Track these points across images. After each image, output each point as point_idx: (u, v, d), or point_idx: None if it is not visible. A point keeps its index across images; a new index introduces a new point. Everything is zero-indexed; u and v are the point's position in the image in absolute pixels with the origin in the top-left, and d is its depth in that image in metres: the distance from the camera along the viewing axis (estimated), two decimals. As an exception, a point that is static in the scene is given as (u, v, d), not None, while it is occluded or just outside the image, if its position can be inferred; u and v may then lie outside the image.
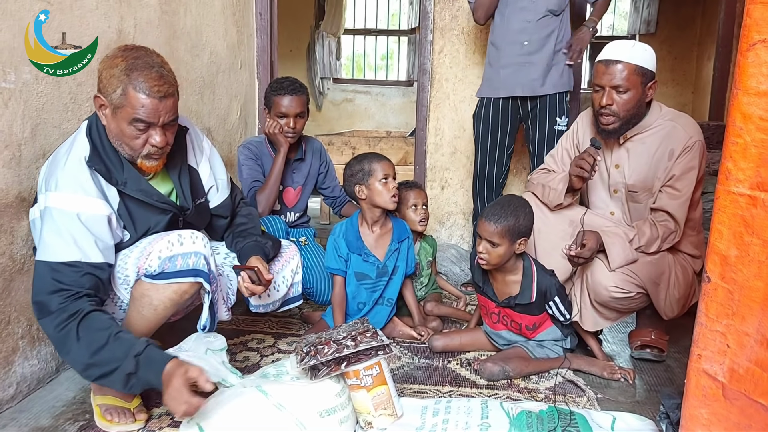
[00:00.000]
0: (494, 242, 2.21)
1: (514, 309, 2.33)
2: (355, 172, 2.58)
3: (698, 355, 1.37)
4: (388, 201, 2.53)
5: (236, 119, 3.77)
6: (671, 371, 2.38)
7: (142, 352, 1.63)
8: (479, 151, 3.37)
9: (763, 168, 1.20)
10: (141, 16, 2.62)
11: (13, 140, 1.94)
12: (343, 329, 1.89)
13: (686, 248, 2.42)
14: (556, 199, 2.48)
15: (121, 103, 1.74)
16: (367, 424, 1.82)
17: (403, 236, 2.66)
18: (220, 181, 2.22)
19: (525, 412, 1.86)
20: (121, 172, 1.85)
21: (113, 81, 1.73)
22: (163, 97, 1.76)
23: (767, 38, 1.19)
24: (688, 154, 2.28)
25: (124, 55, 1.76)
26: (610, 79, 2.28)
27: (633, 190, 2.43)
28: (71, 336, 1.64)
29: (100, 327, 1.66)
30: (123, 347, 1.64)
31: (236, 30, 3.70)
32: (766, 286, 1.21)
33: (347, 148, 5.53)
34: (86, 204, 1.76)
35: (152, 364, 1.63)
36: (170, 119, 1.82)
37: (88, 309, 1.68)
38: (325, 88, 9.15)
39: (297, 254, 2.37)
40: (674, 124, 2.33)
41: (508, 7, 3.13)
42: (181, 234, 1.87)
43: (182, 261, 1.82)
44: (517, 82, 3.16)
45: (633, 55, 2.27)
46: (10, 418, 1.91)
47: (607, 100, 2.30)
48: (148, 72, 1.74)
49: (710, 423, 1.34)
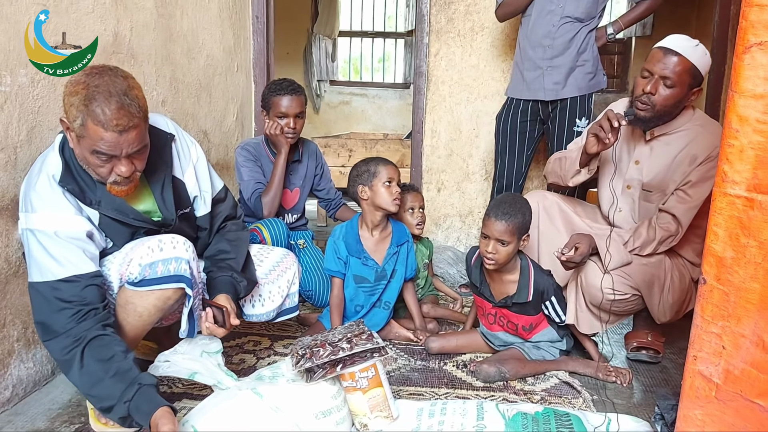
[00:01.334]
0: (505, 240, 2.21)
1: (510, 309, 2.33)
2: (361, 173, 2.60)
3: (694, 356, 1.37)
4: (390, 203, 2.54)
5: (233, 122, 3.77)
6: (667, 373, 2.38)
7: (132, 398, 1.60)
8: (499, 151, 3.38)
9: (761, 170, 1.21)
10: (137, 19, 2.62)
11: (9, 143, 1.94)
12: (338, 331, 1.89)
13: (687, 254, 2.41)
14: (571, 167, 2.44)
15: (81, 133, 1.64)
16: (362, 426, 1.82)
17: (403, 240, 2.66)
18: (205, 194, 2.09)
19: (521, 413, 1.86)
20: (94, 191, 1.79)
21: (72, 110, 1.63)
22: (123, 130, 1.63)
23: (763, 41, 1.19)
24: (710, 163, 2.22)
25: (86, 81, 1.63)
26: (662, 68, 2.22)
27: (647, 189, 2.40)
28: (75, 362, 1.63)
29: (102, 357, 1.64)
30: (117, 388, 1.61)
31: (233, 33, 3.70)
32: (763, 288, 1.21)
33: (344, 150, 5.53)
34: (63, 222, 1.72)
35: (139, 414, 1.60)
36: (135, 149, 1.70)
37: (93, 334, 1.65)
38: (321, 91, 9.16)
39: (295, 264, 2.31)
40: (702, 131, 2.29)
41: (535, 10, 3.13)
42: (161, 239, 1.82)
43: (163, 267, 1.78)
44: (540, 86, 3.18)
45: (692, 53, 2.21)
46: (6, 420, 1.90)
47: (652, 88, 2.23)
48: (107, 103, 1.60)
49: (704, 424, 1.34)
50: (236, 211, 2.23)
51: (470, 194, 4.05)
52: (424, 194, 3.98)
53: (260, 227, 2.78)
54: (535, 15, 3.13)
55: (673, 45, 2.23)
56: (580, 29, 3.10)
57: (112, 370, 1.63)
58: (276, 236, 2.77)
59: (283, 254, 2.32)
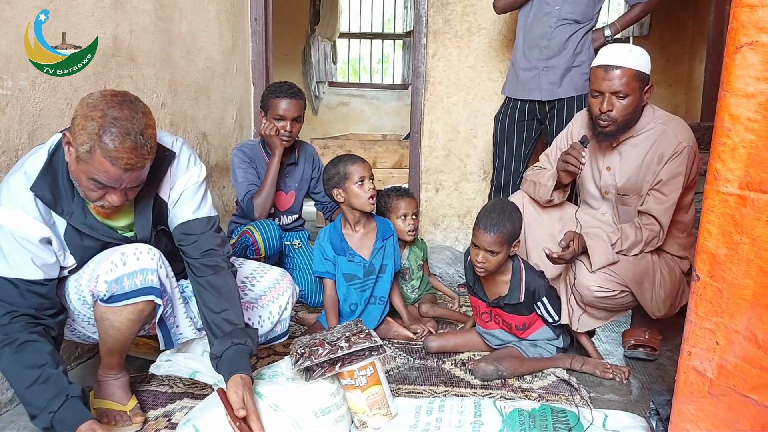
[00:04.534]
0: (494, 251, 2.23)
1: (503, 309, 2.35)
2: (332, 176, 2.60)
3: (688, 352, 1.39)
4: (365, 203, 2.56)
5: (231, 124, 3.79)
6: (664, 370, 2.40)
7: (58, 410, 1.54)
8: (497, 151, 3.40)
9: (753, 168, 1.23)
10: (136, 22, 2.64)
11: (11, 146, 1.96)
12: (337, 330, 1.90)
13: (672, 249, 2.44)
14: (545, 195, 2.49)
15: (85, 159, 1.58)
16: (362, 423, 1.83)
17: (388, 234, 2.69)
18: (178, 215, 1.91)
19: (518, 410, 1.88)
20: (70, 202, 1.73)
21: (83, 134, 1.56)
22: (130, 169, 1.60)
23: (754, 41, 1.21)
24: (677, 159, 2.28)
25: (105, 111, 1.57)
26: (609, 85, 2.28)
27: (623, 193, 2.45)
28: (2, 360, 1.60)
29: (31, 364, 1.59)
30: (43, 397, 1.56)
31: (231, 35, 3.72)
32: (755, 284, 1.23)
33: (342, 151, 5.54)
34: (22, 223, 1.66)
35: (63, 425, 1.54)
36: (133, 186, 1.67)
37: (25, 338, 1.61)
38: (320, 92, 9.16)
39: (290, 288, 2.16)
40: (665, 128, 2.34)
41: (533, 11, 3.15)
42: (124, 252, 1.75)
43: (129, 281, 1.72)
44: (536, 86, 3.20)
45: (631, 60, 2.26)
46: (8, 420, 1.92)
47: (608, 106, 2.29)
48: (122, 141, 1.55)
49: (698, 419, 1.36)
50: (222, 249, 1.93)
51: (468, 194, 4.07)
52: (423, 195, 4.02)
53: (252, 229, 2.80)
54: (532, 16, 3.15)
55: (610, 60, 2.29)
56: (577, 31, 3.12)
57: (42, 377, 1.58)
58: (267, 238, 2.79)
59: (278, 278, 2.17)
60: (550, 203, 2.52)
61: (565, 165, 2.36)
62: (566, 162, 2.35)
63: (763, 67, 1.19)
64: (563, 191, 2.52)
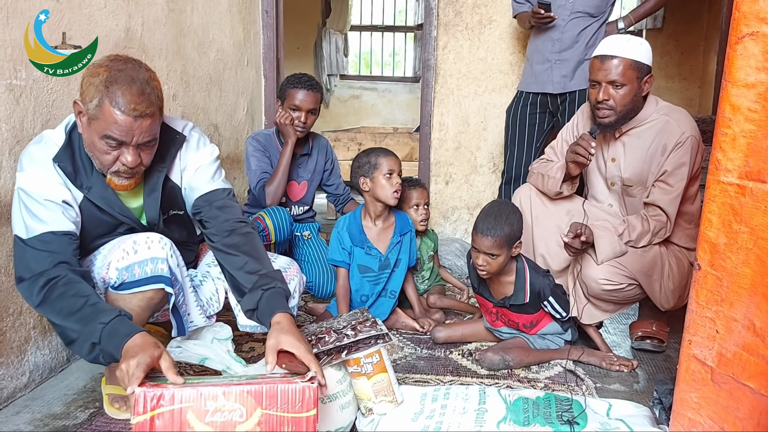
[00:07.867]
0: (494, 254, 2.24)
1: (509, 309, 2.36)
2: (362, 164, 2.63)
3: (689, 340, 1.41)
4: (390, 196, 2.58)
5: (243, 115, 3.82)
6: (671, 361, 2.40)
7: (108, 322, 1.51)
8: (509, 144, 3.42)
9: (752, 158, 1.24)
10: (148, 14, 2.67)
11: (25, 135, 1.99)
12: (343, 319, 1.93)
13: (680, 241, 2.44)
14: (554, 188, 2.50)
15: (95, 115, 1.63)
16: (367, 410, 1.86)
17: (406, 229, 2.70)
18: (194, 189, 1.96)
19: (522, 398, 1.90)
20: (89, 177, 1.78)
21: (91, 90, 1.62)
22: (140, 116, 1.63)
23: (755, 31, 1.22)
24: (680, 149, 2.28)
25: (109, 65, 1.65)
26: (606, 75, 2.29)
27: (628, 184, 2.45)
28: (55, 292, 1.59)
29: (76, 293, 1.60)
30: (92, 316, 1.54)
31: (242, 27, 3.75)
32: (754, 273, 1.25)
33: (354, 144, 5.57)
34: (46, 186, 1.70)
35: (114, 337, 1.49)
36: (145, 140, 1.70)
37: (72, 277, 1.62)
38: (332, 85, 9.19)
39: (296, 277, 2.14)
40: (668, 119, 2.35)
41: None
42: (135, 241, 1.78)
43: (139, 270, 1.75)
44: (548, 78, 3.22)
45: (628, 50, 2.28)
46: (23, 405, 1.96)
47: (604, 96, 2.31)
48: (128, 87, 1.62)
49: (700, 406, 1.38)
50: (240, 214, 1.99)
51: (478, 187, 4.08)
52: (432, 187, 4.03)
53: (263, 215, 2.82)
54: None
55: (607, 50, 2.31)
56: (590, 24, 3.13)
57: (89, 302, 1.57)
58: (278, 224, 2.81)
59: (285, 266, 2.13)
60: (560, 195, 2.53)
61: (575, 156, 2.37)
62: (575, 153, 2.36)
63: (763, 57, 1.20)
64: (572, 183, 2.53)
